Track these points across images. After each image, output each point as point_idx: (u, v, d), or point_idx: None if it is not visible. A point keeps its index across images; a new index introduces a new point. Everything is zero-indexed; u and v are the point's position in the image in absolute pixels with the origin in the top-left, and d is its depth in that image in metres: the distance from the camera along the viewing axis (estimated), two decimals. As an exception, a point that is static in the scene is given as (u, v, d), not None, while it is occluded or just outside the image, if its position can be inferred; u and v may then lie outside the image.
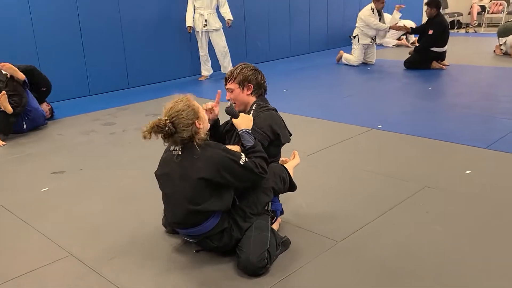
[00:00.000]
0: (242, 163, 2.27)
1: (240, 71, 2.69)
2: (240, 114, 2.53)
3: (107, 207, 3.11)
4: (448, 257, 2.38)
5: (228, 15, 7.02)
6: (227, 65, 7.15)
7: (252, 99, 2.72)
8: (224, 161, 2.25)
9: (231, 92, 2.70)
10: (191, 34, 7.11)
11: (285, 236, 2.54)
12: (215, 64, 7.30)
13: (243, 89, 2.68)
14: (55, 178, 3.64)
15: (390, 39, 10.02)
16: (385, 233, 2.63)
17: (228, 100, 2.70)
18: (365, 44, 7.84)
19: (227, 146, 2.40)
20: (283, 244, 2.49)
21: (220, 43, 7.03)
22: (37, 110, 4.88)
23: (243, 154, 2.33)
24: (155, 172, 2.44)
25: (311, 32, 9.46)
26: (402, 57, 7.82)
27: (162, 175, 2.37)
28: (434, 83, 6.47)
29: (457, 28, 12.73)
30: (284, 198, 2.84)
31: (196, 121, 2.27)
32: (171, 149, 2.35)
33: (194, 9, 6.89)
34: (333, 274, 2.29)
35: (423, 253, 2.42)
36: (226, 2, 7.01)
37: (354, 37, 7.87)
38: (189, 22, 6.91)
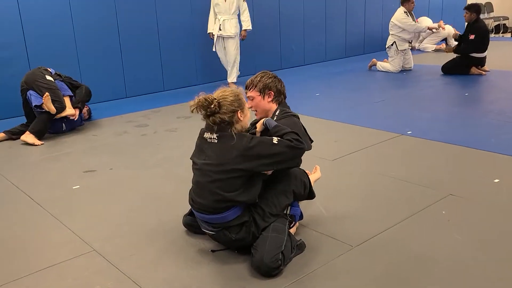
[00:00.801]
0: (276, 142, 2.34)
1: (260, 79, 2.76)
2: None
3: (131, 206, 3.21)
4: (465, 267, 2.33)
5: (246, 24, 6.83)
6: (230, 75, 6.95)
7: (273, 106, 2.79)
8: (258, 147, 2.32)
9: (252, 100, 2.77)
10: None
11: (301, 239, 2.56)
12: (246, 67, 7.34)
13: (263, 97, 2.75)
14: (86, 176, 3.80)
15: (429, 44, 9.81)
16: (402, 239, 2.60)
17: (250, 108, 2.75)
18: (404, 50, 7.67)
19: None
20: (298, 247, 2.51)
21: (231, 50, 6.83)
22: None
23: (273, 137, 2.40)
24: (191, 157, 2.52)
25: (348, 37, 9.39)
26: (440, 62, 7.64)
27: (199, 162, 2.43)
28: (471, 89, 6.29)
29: (502, 33, 12.32)
30: (304, 202, 2.86)
31: (239, 112, 2.37)
32: (205, 136, 2.42)
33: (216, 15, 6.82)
34: (346, 279, 2.28)
35: (439, 262, 2.37)
36: (247, 9, 6.83)
37: (392, 44, 7.70)
38: (210, 29, 6.86)
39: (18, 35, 5.67)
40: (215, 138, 2.37)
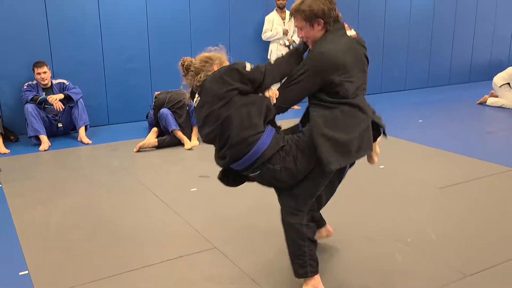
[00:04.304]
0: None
1: (306, 7, 2.29)
2: None
3: (247, 209, 3.45)
4: None
5: None
6: None
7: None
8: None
9: (301, 29, 2.37)
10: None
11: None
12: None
13: (312, 26, 2.32)
14: (202, 180, 4.11)
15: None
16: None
17: (300, 37, 2.42)
18: None
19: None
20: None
21: None
22: None
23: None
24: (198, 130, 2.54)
25: (453, 63, 9.13)
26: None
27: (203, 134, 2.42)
28: None
29: None
30: (413, 225, 2.89)
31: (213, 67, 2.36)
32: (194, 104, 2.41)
33: None
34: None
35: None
36: None
37: (504, 84, 7.25)
38: None
39: (144, 48, 6.29)
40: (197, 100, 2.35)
